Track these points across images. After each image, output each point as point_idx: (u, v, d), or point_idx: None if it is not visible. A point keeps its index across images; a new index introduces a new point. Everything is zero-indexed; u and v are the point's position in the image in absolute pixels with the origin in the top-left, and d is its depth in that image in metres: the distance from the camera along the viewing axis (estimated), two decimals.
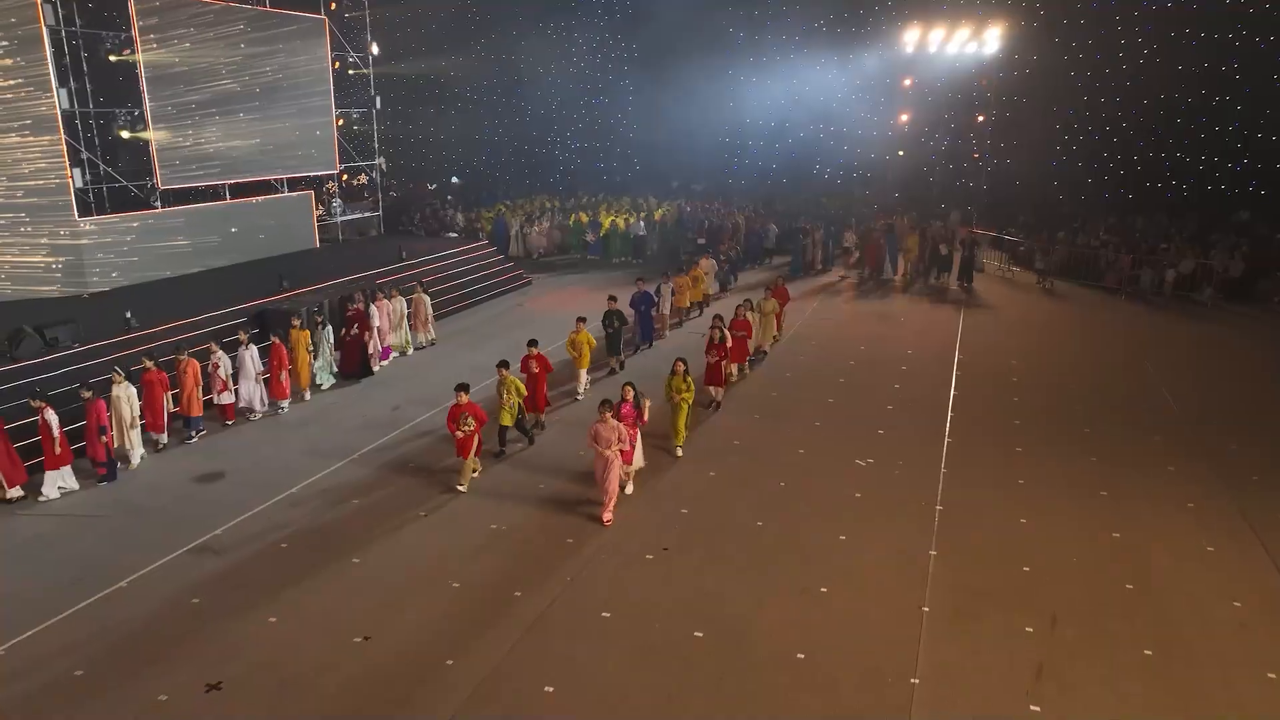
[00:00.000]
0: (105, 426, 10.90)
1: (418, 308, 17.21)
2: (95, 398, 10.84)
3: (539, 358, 12.44)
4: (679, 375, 11.58)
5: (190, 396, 12.35)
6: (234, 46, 19.40)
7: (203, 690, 7.11)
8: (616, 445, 9.69)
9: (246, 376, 13.21)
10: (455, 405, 10.58)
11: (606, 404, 9.88)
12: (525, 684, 7.17)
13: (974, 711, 6.86)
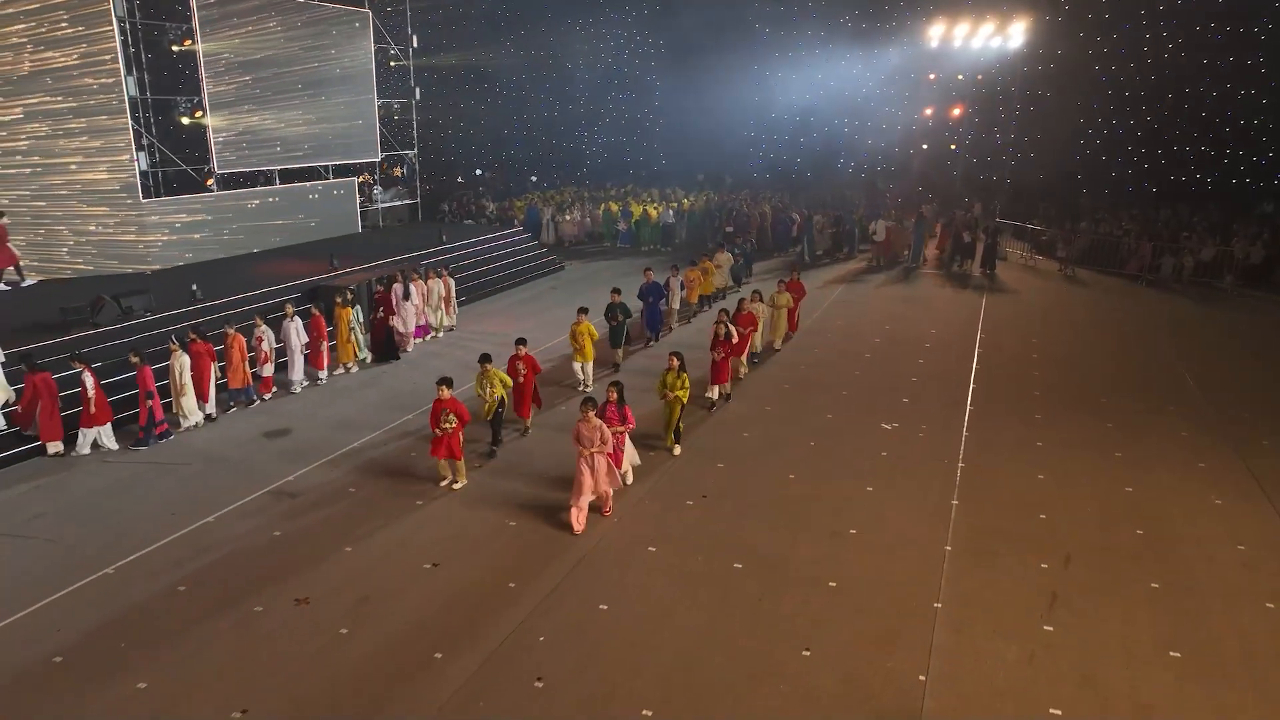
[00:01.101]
0: (151, 392, 11.44)
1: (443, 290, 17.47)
2: (142, 364, 11.48)
3: (527, 359, 11.79)
4: (672, 371, 10.99)
5: (236, 368, 12.92)
6: (285, 38, 20.34)
7: (292, 603, 7.93)
8: (599, 445, 9.13)
9: (291, 349, 13.80)
10: (437, 400, 9.94)
11: (590, 402, 9.33)
12: (582, 602, 7.92)
13: (992, 629, 7.51)
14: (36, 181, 17.23)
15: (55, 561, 8.69)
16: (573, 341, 13.65)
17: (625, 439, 9.98)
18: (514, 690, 6.75)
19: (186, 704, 6.62)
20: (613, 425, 9.57)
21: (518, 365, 11.71)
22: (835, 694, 6.70)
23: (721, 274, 19.74)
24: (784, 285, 16.20)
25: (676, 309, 17.70)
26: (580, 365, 13.72)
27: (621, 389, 9.94)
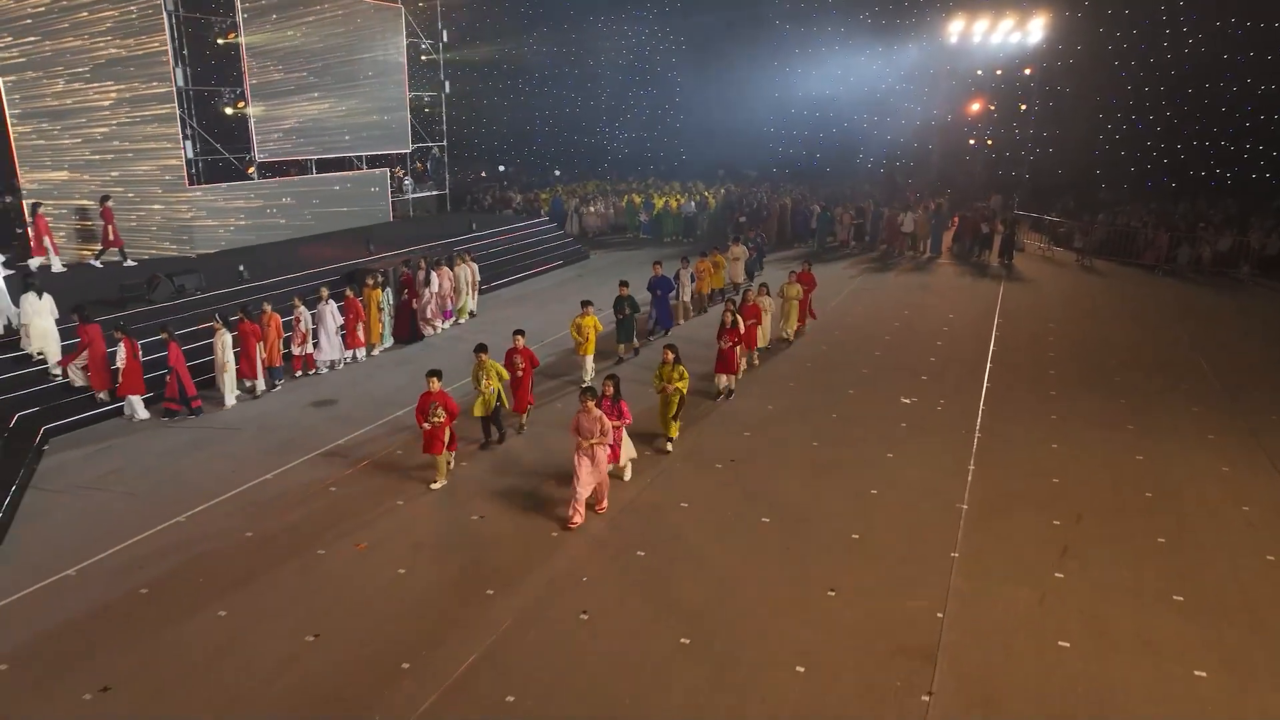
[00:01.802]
0: (173, 367, 11.95)
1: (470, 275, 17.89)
2: (169, 339, 12.04)
3: (525, 352, 11.33)
4: (668, 364, 10.64)
5: (273, 347, 13.33)
6: (321, 32, 21.04)
7: (354, 548, 8.56)
8: (599, 437, 8.82)
9: (326, 330, 14.26)
10: (425, 394, 9.58)
11: (589, 393, 9.02)
12: (620, 549, 8.50)
13: (1005, 575, 8.02)
14: (93, 169, 17.98)
15: (132, 511, 9.36)
16: (576, 335, 13.33)
17: (623, 434, 9.66)
18: (563, 622, 7.33)
19: (263, 629, 7.25)
20: (609, 420, 9.16)
21: (515, 358, 11.26)
22: (858, 628, 7.23)
23: (737, 267, 19.42)
24: (794, 276, 15.96)
25: (688, 301, 17.55)
26: (583, 359, 13.46)
27: (618, 383, 9.63)
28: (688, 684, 6.53)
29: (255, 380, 13.18)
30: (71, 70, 17.55)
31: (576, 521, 8.84)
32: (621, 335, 14.67)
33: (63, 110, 17.75)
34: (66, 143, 17.84)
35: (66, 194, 17.52)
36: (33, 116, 17.46)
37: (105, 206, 16.39)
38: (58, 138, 17.66)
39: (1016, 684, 6.53)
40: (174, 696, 6.43)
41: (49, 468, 10.55)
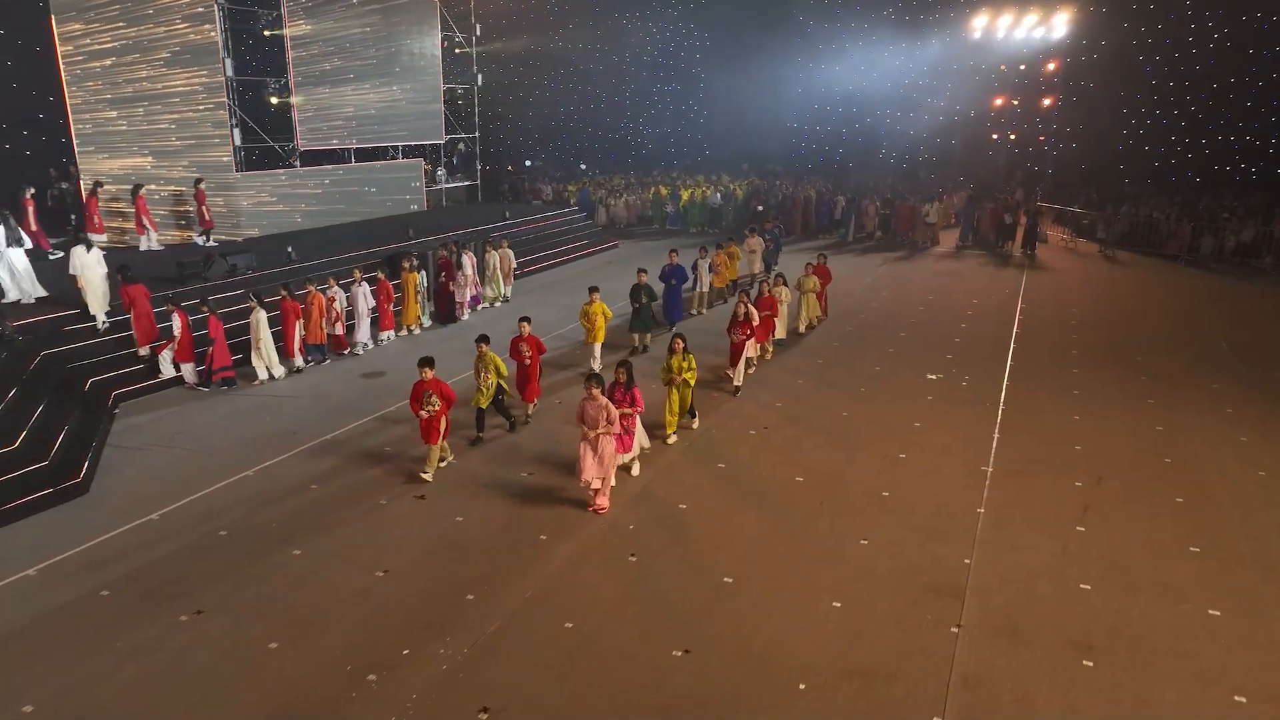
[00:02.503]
0: (214, 339, 12.51)
1: (501, 262, 18.36)
2: (209, 314, 12.62)
3: (531, 340, 11.07)
4: (677, 354, 10.30)
5: (315, 325, 13.80)
6: (361, 24, 21.72)
7: (413, 497, 9.15)
8: (604, 425, 8.46)
9: (359, 311, 14.63)
10: (419, 382, 9.30)
11: (594, 379, 8.66)
12: (664, 500, 9.04)
13: (1029, 528, 8.48)
14: (146, 156, 18.75)
15: (203, 466, 10.00)
16: (584, 322, 13.12)
17: (636, 422, 9.35)
18: (614, 561, 7.87)
19: (336, 565, 7.84)
20: (620, 408, 8.88)
21: (521, 346, 11.02)
22: (890, 572, 7.72)
23: (754, 259, 19.14)
24: (811, 269, 15.82)
25: (705, 292, 17.33)
26: (593, 346, 13.22)
27: (631, 369, 9.32)
28: (732, 614, 7.05)
29: (293, 358, 13.61)
30: (126, 61, 18.33)
31: (602, 505, 8.68)
32: (637, 324, 14.39)
33: (118, 100, 18.54)
34: (121, 131, 18.63)
35: (120, 181, 18.28)
36: (89, 108, 18.25)
37: (199, 189, 17.25)
38: (112, 126, 18.44)
39: (1040, 618, 7.00)
40: (260, 619, 7.02)
41: (121, 428, 11.22)
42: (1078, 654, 6.55)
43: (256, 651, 6.60)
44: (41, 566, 7.81)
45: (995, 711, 5.93)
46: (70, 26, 17.93)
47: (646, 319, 14.30)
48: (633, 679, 6.26)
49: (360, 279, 14.91)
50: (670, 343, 10.47)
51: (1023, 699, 6.06)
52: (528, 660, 6.47)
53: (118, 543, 8.26)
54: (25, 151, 23.67)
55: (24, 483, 8.82)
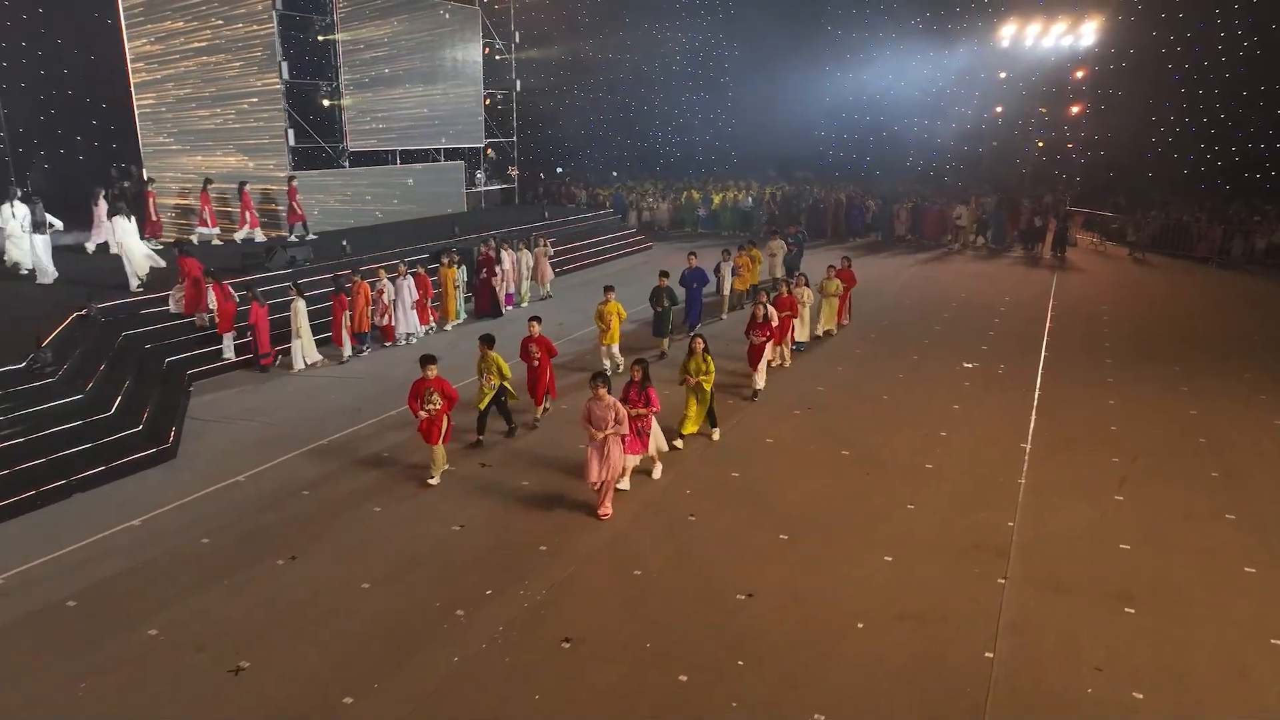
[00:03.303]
0: (254, 326, 13.06)
1: (538, 261, 18.82)
2: (253, 300, 13.14)
3: (540, 340, 10.77)
4: (697, 355, 9.99)
5: (360, 315, 14.20)
6: (407, 32, 22.52)
7: (478, 466, 9.70)
8: (613, 426, 8.15)
9: (402, 303, 15.00)
10: (420, 380, 9.05)
11: (600, 378, 8.28)
12: (716, 468, 9.52)
13: (1069, 496, 8.87)
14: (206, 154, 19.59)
15: (279, 437, 10.61)
16: (599, 322, 12.75)
17: (652, 422, 8.97)
18: (674, 521, 8.36)
19: (414, 521, 8.39)
20: (634, 408, 8.62)
21: (530, 347, 10.76)
22: (936, 532, 8.14)
23: (775, 262, 19.01)
24: (834, 272, 15.47)
25: (728, 295, 17.09)
26: (607, 348, 12.89)
27: (646, 367, 9.01)
28: (789, 565, 7.52)
29: (341, 345, 14.05)
30: (190, 66, 19.20)
31: (605, 512, 8.30)
32: (659, 328, 14.12)
33: (181, 101, 19.40)
34: (183, 131, 19.47)
35: (182, 179, 19.11)
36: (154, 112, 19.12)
37: (291, 186, 18.27)
38: (176, 126, 19.28)
39: (1082, 573, 7.40)
40: (349, 564, 7.57)
41: (197, 404, 11.86)
42: (1119, 603, 6.94)
43: (350, 591, 7.15)
44: (144, 518, 8.43)
45: (1042, 652, 6.33)
46: (139, 33, 18.81)
47: (667, 322, 14.00)
48: (700, 617, 6.73)
49: (405, 272, 15.43)
50: (690, 343, 10.19)
51: (1068, 641, 6.46)
52: (601, 601, 6.97)
53: (210, 500, 8.86)
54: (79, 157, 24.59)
55: (121, 445, 9.46)
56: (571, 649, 6.35)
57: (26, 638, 6.49)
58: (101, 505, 8.70)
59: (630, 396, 8.70)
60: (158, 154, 19.81)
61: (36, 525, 8.26)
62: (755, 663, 6.17)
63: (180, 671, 6.10)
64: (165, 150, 19.83)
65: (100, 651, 6.31)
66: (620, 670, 6.10)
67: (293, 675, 6.05)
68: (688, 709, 5.71)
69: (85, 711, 5.68)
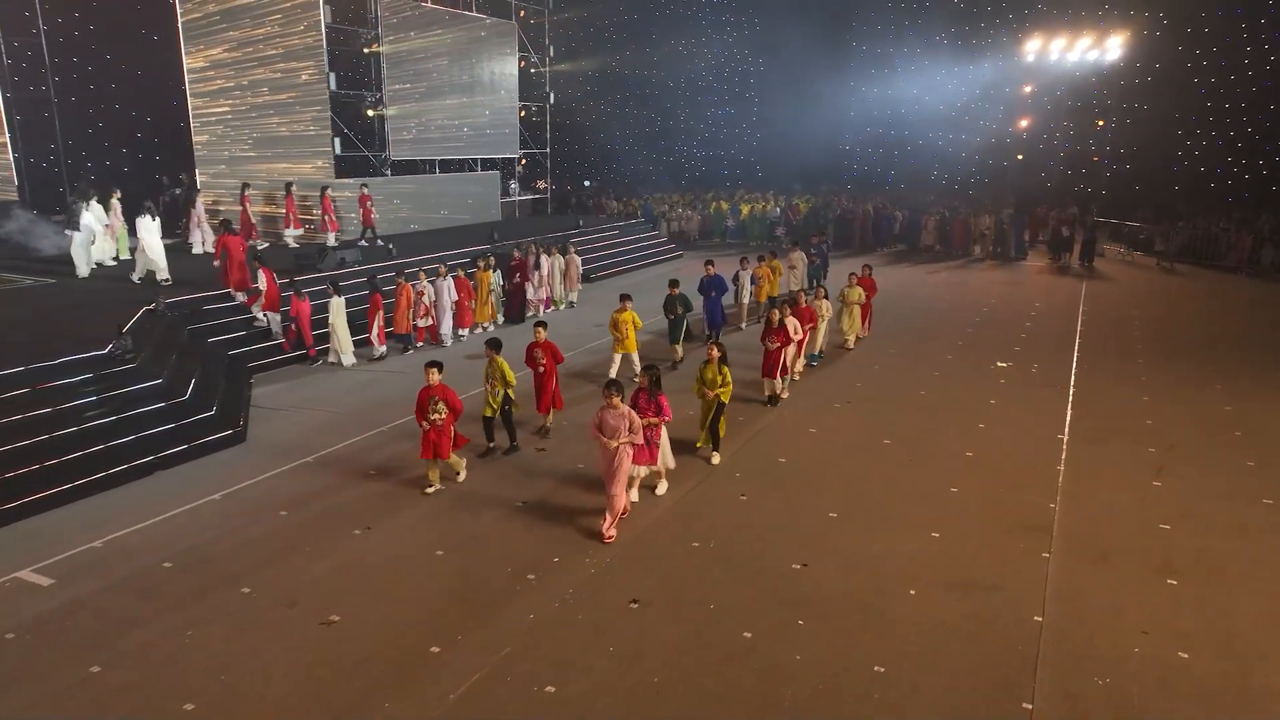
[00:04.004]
0: (295, 318, 13.61)
1: (569, 267, 19.03)
2: (296, 295, 13.68)
3: (547, 346, 10.49)
4: (712, 363, 9.56)
5: (401, 316, 14.59)
6: (446, 45, 23.23)
7: (536, 448, 10.12)
8: (626, 436, 7.76)
9: (442, 305, 15.32)
10: (425, 388, 8.70)
11: (614, 386, 7.90)
12: (764, 455, 9.89)
13: (1108, 482, 9.15)
14: (256, 163, 20.30)
15: (340, 423, 11.10)
16: (614, 331, 12.45)
17: (662, 433, 8.57)
18: (727, 500, 8.74)
19: (480, 495, 8.81)
20: (645, 417, 8.20)
21: (535, 352, 10.47)
22: (981, 512, 8.46)
23: (795, 275, 18.68)
24: (855, 280, 15.11)
25: (746, 303, 16.77)
26: (621, 357, 12.57)
27: (657, 375, 8.62)
28: (840, 539, 7.86)
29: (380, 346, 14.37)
30: (242, 79, 19.95)
31: (610, 536, 7.81)
32: (674, 336, 13.89)
33: (235, 111, 20.14)
34: (235, 140, 20.19)
35: (234, 186, 19.80)
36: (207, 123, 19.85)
37: (363, 193, 19.04)
38: (227, 135, 20.01)
39: (1125, 549, 7.69)
40: (420, 535, 8.00)
41: (259, 395, 12.38)
42: (1162, 575, 7.23)
43: (426, 556, 7.58)
44: (224, 493, 8.91)
45: (1089, 616, 6.63)
46: (196, 47, 19.58)
47: (680, 330, 13.78)
48: (759, 583, 7.09)
49: (446, 274, 15.87)
50: (706, 350, 9.78)
51: (1113, 608, 6.76)
52: (663, 569, 7.34)
53: (282, 478, 9.34)
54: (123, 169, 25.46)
55: (197, 427, 9.98)
56: (639, 609, 6.73)
57: (131, 593, 6.96)
58: (182, 481, 9.20)
59: (640, 405, 8.27)
60: (210, 162, 20.53)
61: (126, 498, 8.77)
62: (815, 622, 6.52)
63: (276, 623, 6.53)
64: (217, 158, 20.56)
65: (201, 605, 6.77)
66: (687, 627, 6.47)
67: (380, 627, 6.47)
68: (755, 659, 6.06)
69: (196, 654, 6.12)
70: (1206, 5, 31.86)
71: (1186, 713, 5.54)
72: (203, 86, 20.16)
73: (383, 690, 5.73)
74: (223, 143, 20.47)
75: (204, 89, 20.18)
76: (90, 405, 9.40)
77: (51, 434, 8.77)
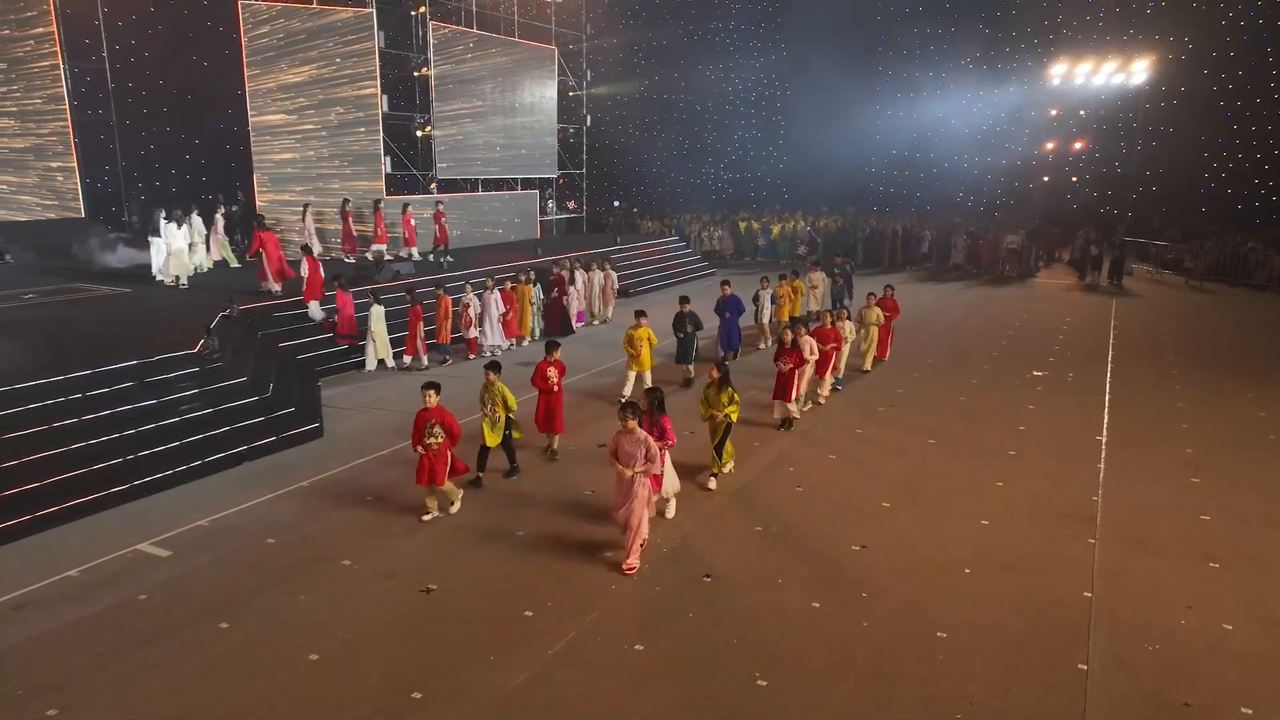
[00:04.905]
0: (339, 308, 14.43)
1: (605, 282, 19.42)
2: (339, 287, 14.50)
3: (558, 364, 10.21)
4: (713, 384, 9.21)
5: (440, 327, 14.93)
6: (490, 69, 24.17)
7: (596, 447, 10.68)
8: (643, 463, 7.33)
9: (490, 317, 15.65)
10: (422, 410, 8.37)
11: (630, 409, 7.45)
12: (814, 453, 10.40)
13: (1147, 478, 9.57)
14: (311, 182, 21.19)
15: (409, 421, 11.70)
16: (628, 348, 12.29)
17: (666, 458, 8.08)
18: (782, 485, 9.25)
19: (553, 484, 9.38)
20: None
21: (548, 371, 10.10)
22: (1027, 503, 8.91)
23: (816, 295, 18.22)
24: (874, 300, 14.38)
25: (767, 323, 16.40)
26: (637, 374, 12.43)
27: (660, 397, 8.28)
28: (895, 526, 8.34)
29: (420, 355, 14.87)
30: (301, 98, 20.90)
31: (632, 566, 7.39)
32: (681, 356, 13.54)
33: (292, 130, 21.08)
34: (291, 159, 21.11)
35: (290, 202, 20.71)
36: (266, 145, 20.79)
37: (438, 209, 20.20)
38: (285, 155, 20.93)
39: (1166, 536, 8.12)
40: (501, 518, 8.57)
41: (330, 395, 13.05)
42: (1203, 560, 7.66)
43: (508, 536, 8.15)
44: (310, 481, 9.55)
45: (1136, 593, 7.07)
46: (257, 70, 20.56)
47: (689, 350, 13.44)
48: (822, 561, 7.60)
49: (493, 287, 16.37)
50: (708, 372, 9.46)
51: (1158, 587, 7.19)
52: (730, 549, 7.87)
53: (362, 469, 9.97)
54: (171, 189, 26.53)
55: (280, 422, 10.65)
56: (712, 582, 7.25)
57: (241, 565, 7.58)
58: (271, 471, 9.86)
59: (642, 428, 7.64)
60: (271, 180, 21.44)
61: (223, 483, 9.43)
62: (877, 594, 7.01)
63: (378, 591, 7.11)
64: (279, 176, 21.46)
65: (306, 575, 7.37)
66: (758, 598, 6.98)
67: (477, 595, 7.04)
68: (825, 626, 6.56)
69: (310, 615, 6.71)
70: (1232, 30, 32.29)
71: (1232, 676, 5.96)
72: (263, 107, 21.11)
73: (483, 648, 6.27)
74: (282, 162, 21.38)
75: (264, 110, 21.12)
76: (186, 399, 10.10)
77: (157, 423, 9.47)
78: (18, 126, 21.51)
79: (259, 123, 20.76)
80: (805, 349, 11.34)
